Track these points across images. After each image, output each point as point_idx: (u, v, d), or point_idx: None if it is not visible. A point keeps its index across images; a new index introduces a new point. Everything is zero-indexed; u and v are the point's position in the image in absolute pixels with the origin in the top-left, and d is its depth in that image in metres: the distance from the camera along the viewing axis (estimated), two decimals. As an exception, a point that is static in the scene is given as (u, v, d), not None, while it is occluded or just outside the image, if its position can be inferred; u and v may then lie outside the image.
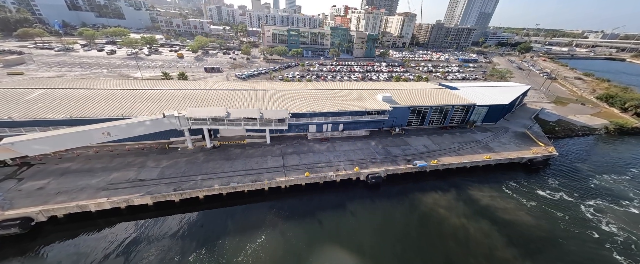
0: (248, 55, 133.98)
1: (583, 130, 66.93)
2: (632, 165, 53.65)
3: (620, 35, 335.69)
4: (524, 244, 32.93)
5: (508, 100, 62.79)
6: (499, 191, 42.85)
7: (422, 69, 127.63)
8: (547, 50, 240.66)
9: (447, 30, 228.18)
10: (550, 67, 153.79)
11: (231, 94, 55.50)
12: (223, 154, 45.20)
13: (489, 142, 54.15)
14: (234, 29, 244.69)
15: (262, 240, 31.44)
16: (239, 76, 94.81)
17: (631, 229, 36.32)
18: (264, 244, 30.89)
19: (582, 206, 40.74)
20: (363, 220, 35.91)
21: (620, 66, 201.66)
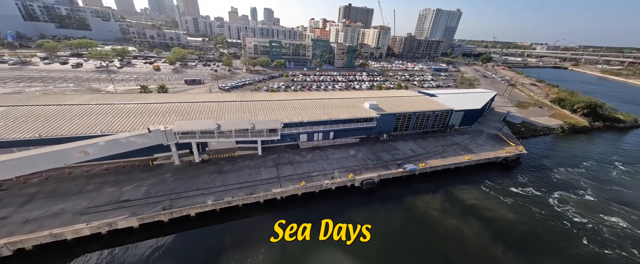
0: (230, 67, 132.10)
1: (544, 130, 75.20)
2: (584, 159, 61.00)
3: (561, 47, 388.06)
4: (509, 239, 35.31)
5: (480, 105, 68.98)
6: (481, 190, 46.00)
7: (400, 78, 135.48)
8: (505, 60, 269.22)
9: (419, 42, 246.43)
10: (509, 75, 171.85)
11: (218, 105, 54.28)
12: (213, 168, 43.52)
13: (468, 144, 58.57)
14: (213, 41, 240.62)
15: (263, 254, 30.42)
16: (222, 88, 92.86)
17: (591, 216, 40.92)
18: (265, 259, 29.90)
19: (549, 199, 45.06)
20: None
21: (564, 73, 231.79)
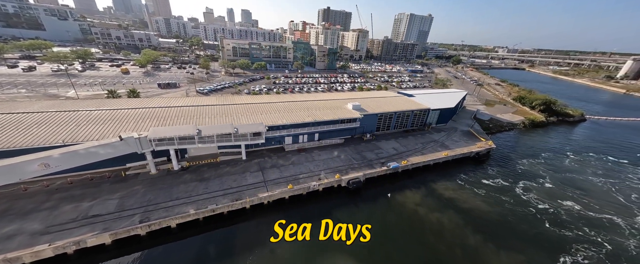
0: (207, 69, 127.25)
1: (508, 126, 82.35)
2: (542, 150, 67.70)
3: (519, 50, 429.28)
4: (483, 227, 37.88)
5: (453, 104, 73.80)
6: (457, 184, 48.96)
7: (379, 79, 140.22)
8: (473, 62, 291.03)
9: (396, 45, 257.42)
10: (477, 76, 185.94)
11: (197, 110, 51.99)
12: (194, 175, 41.50)
13: (445, 141, 62.27)
14: (188, 42, 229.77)
15: (251, 262, 29.58)
16: (200, 91, 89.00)
17: (550, 201, 45.40)
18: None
19: (516, 188, 49.27)
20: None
21: (522, 74, 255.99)
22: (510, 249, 34.52)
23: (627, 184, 52.80)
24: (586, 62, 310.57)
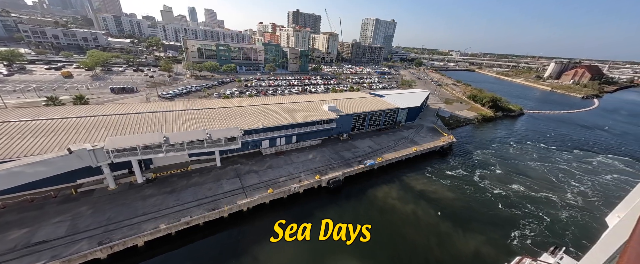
0: (170, 72, 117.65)
1: (465, 121, 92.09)
2: (492, 142, 77.16)
3: (469, 54, 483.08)
4: (451, 214, 41.74)
5: (419, 103, 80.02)
6: (426, 177, 53.09)
7: (351, 81, 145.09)
8: (432, 65, 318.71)
9: (364, 48, 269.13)
10: (436, 77, 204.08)
11: (162, 116, 47.88)
12: (163, 187, 38.12)
13: (413, 137, 67.10)
14: (145, 43, 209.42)
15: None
16: (163, 96, 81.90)
17: (501, 186, 51.87)
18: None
19: (474, 177, 55.25)
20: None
21: (473, 75, 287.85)
22: (473, 231, 38.59)
23: (556, 166, 63.04)
24: (521, 64, 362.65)
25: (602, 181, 56.96)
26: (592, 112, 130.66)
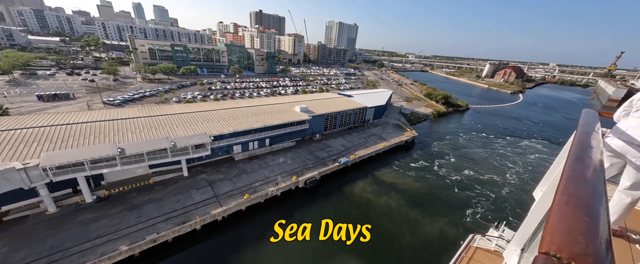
0: (116, 76, 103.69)
1: (423, 117, 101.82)
2: (446, 134, 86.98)
3: (422, 56, 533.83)
4: (419, 203, 45.67)
5: (384, 101, 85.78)
6: (394, 170, 57.31)
7: (320, 82, 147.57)
8: (392, 66, 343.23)
9: (330, 50, 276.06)
10: (397, 77, 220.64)
11: (113, 125, 42.31)
12: (119, 204, 33.83)
13: (381, 134, 71.69)
14: (80, 42, 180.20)
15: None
16: (110, 102, 71.90)
17: (456, 172, 58.93)
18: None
19: (434, 166, 61.62)
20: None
21: (426, 75, 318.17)
22: (437, 214, 43.06)
23: (495, 151, 74.16)
24: (464, 65, 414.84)
25: (529, 161, 69.01)
26: (518, 106, 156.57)
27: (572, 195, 1.76)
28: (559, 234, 1.32)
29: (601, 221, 1.50)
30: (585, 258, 1.15)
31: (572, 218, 1.48)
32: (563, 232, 1.35)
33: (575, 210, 1.57)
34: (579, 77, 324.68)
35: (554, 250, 1.20)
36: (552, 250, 1.20)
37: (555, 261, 1.15)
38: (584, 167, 2.33)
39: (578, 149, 2.71)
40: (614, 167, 4.27)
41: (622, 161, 4.12)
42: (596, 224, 1.45)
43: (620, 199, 4.10)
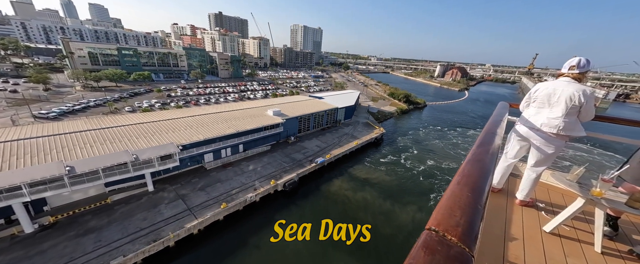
0: (47, 84, 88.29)
1: (389, 114, 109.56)
2: (409, 129, 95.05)
3: (383, 58, 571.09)
4: (391, 195, 49.06)
5: (353, 102, 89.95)
6: (366, 166, 60.47)
7: (289, 85, 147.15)
8: (357, 68, 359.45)
9: (296, 53, 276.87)
10: (362, 79, 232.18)
11: (55, 140, 36.50)
12: (70, 230, 29.50)
13: (353, 132, 75.12)
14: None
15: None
16: (42, 116, 61.10)
17: (420, 163, 65.00)
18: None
19: (401, 160, 66.95)
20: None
21: (388, 76, 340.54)
22: (407, 203, 47.04)
23: (450, 141, 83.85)
24: (420, 66, 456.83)
25: (478, 149, 79.61)
26: (465, 101, 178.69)
27: (464, 175, 1.82)
28: (442, 211, 1.37)
29: (482, 195, 1.55)
30: (456, 228, 1.21)
31: (457, 195, 1.52)
32: (446, 208, 1.39)
33: (462, 188, 1.62)
34: (508, 76, 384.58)
35: (434, 225, 1.24)
36: (433, 225, 1.24)
37: (433, 234, 1.18)
38: (483, 152, 2.49)
39: (483, 136, 2.91)
40: (523, 149, 5.15)
41: (528, 144, 5.00)
42: (475, 198, 1.48)
43: (529, 175, 4.80)
